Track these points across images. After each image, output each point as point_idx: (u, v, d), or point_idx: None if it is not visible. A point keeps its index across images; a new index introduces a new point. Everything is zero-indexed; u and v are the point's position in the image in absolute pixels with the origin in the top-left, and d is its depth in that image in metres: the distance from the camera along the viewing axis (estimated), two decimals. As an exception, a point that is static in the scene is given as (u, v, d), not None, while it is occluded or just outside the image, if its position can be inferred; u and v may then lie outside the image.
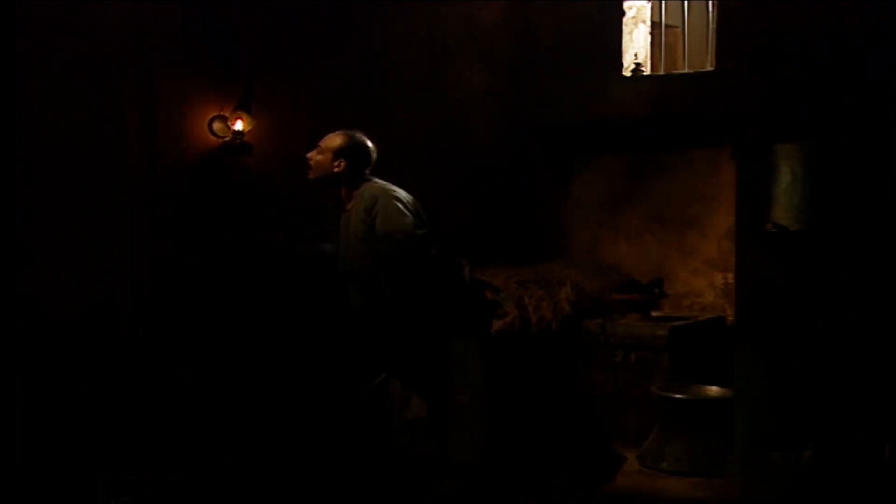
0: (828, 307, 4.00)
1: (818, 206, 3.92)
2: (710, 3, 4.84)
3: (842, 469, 3.84)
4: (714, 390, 4.45)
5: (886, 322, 4.05)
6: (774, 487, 3.77)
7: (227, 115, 4.33)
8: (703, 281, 5.38)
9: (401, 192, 3.71)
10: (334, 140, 3.74)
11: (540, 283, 4.84)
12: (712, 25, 4.60)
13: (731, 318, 4.90)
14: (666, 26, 5.15)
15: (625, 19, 5.23)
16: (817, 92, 4.10)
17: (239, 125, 4.33)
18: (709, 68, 4.73)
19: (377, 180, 3.78)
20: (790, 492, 3.75)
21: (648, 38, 5.19)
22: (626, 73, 5.16)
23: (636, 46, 5.24)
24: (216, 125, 4.33)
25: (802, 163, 3.84)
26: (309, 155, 3.78)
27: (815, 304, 4.01)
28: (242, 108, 4.34)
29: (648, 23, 5.27)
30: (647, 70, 5.14)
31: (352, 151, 3.72)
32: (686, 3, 5.10)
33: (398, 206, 3.61)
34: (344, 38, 4.80)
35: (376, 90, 4.92)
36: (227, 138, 4.34)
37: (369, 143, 3.78)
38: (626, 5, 5.24)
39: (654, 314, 5.08)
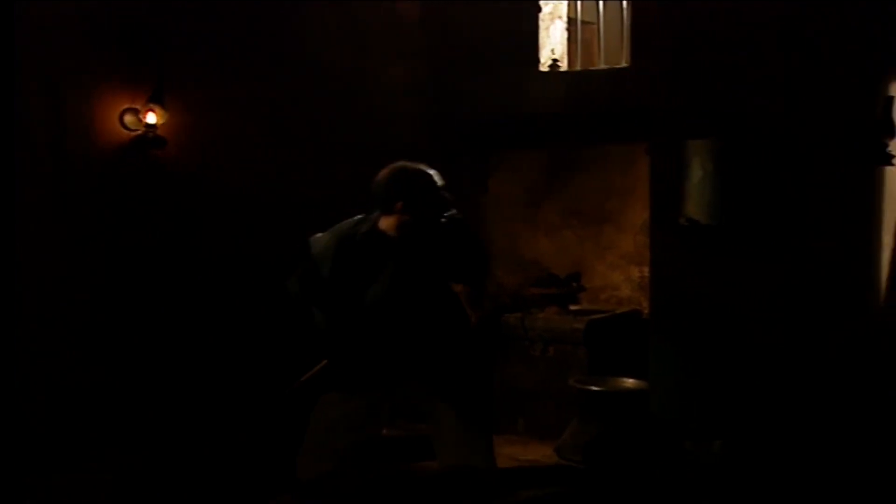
0: (738, 300, 4.17)
1: (728, 200, 4.08)
2: (625, 0, 4.97)
3: (751, 458, 4.00)
4: (630, 382, 4.57)
5: (792, 313, 4.25)
6: (688, 476, 3.92)
7: (138, 107, 4.28)
8: (620, 274, 5.52)
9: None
10: None
11: (459, 277, 4.90)
12: (627, 23, 4.72)
13: (647, 310, 5.05)
14: (582, 23, 5.27)
15: (541, 15, 5.33)
16: (728, 90, 4.26)
17: (151, 118, 4.28)
18: (624, 65, 4.85)
19: None
20: (702, 480, 3.90)
21: (565, 35, 5.29)
22: (544, 68, 5.26)
23: (553, 42, 5.34)
24: (128, 118, 4.27)
25: (713, 159, 4.00)
26: None
27: (725, 296, 4.18)
28: (155, 100, 4.29)
29: (565, 19, 5.38)
30: (564, 66, 5.25)
31: None
32: (601, 0, 5.22)
33: None
34: (261, 30, 4.79)
35: (294, 84, 4.92)
36: (139, 131, 4.29)
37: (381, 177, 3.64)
38: (542, 2, 5.33)
39: (572, 308, 5.20)
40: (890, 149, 4.61)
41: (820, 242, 4.41)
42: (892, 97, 4.51)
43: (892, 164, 4.69)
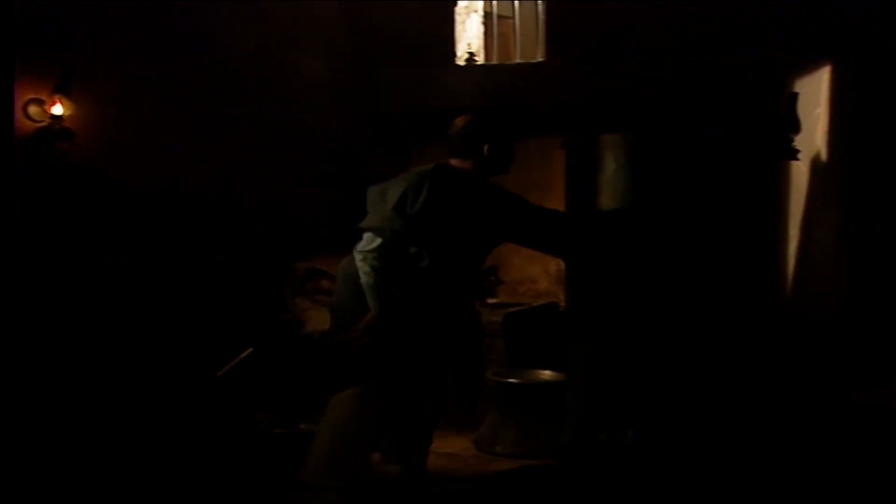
0: (647, 296, 4.27)
1: (640, 194, 4.18)
2: (539, -3, 5.03)
3: (663, 448, 4.11)
4: (548, 375, 4.62)
5: (704, 303, 4.37)
6: (602, 467, 4.01)
7: (44, 98, 4.18)
8: (538, 267, 5.58)
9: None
10: None
11: (378, 271, 4.90)
12: (542, 18, 4.79)
13: (564, 303, 5.13)
14: (498, 17, 5.31)
15: (457, 9, 5.36)
16: (641, 86, 4.37)
17: (58, 109, 4.19)
18: (540, 60, 4.92)
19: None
20: (616, 470, 3.99)
21: (481, 29, 5.33)
22: (461, 62, 5.30)
23: (469, 37, 5.38)
24: (32, 109, 4.17)
25: (625, 153, 4.09)
26: None
27: (635, 292, 4.27)
28: (61, 90, 4.20)
29: (481, 13, 5.42)
30: (480, 60, 5.29)
31: None
32: (516, -5, 5.28)
33: None
34: (173, 20, 4.72)
35: (209, 76, 4.86)
36: (44, 123, 4.19)
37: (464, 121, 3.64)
38: (458, -5, 5.37)
39: (490, 301, 5.24)
40: (795, 144, 4.78)
41: (730, 235, 4.55)
42: (796, 94, 4.68)
43: (797, 160, 4.87)
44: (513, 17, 5.17)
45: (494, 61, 5.23)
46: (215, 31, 4.92)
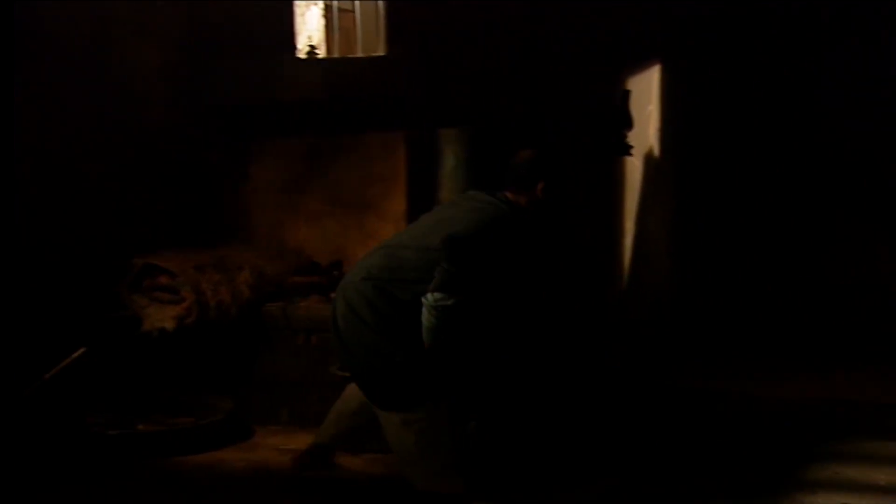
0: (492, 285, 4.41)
1: (481, 187, 4.31)
2: (378, -12, 5.09)
3: (503, 436, 4.26)
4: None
5: (544, 297, 4.55)
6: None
7: None
8: (385, 261, 5.65)
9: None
10: None
11: (218, 267, 4.87)
12: (382, 11, 4.86)
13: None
14: (339, 10, 5.35)
15: (297, 1, 5.37)
16: (481, 80, 4.51)
17: None
18: (382, 53, 4.99)
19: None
20: (458, 460, 4.10)
21: (322, 22, 5.35)
22: (301, 55, 5.31)
23: (310, 29, 5.40)
24: None
25: (464, 147, 4.22)
26: None
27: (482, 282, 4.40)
28: None
29: (321, 6, 5.45)
30: (322, 53, 5.31)
31: None
32: (356, -14, 5.32)
33: None
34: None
35: (40, 68, 4.68)
36: None
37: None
38: (297, -13, 5.37)
39: (334, 296, 5.27)
40: (628, 140, 5.05)
41: (570, 229, 4.76)
42: (629, 91, 4.95)
43: (631, 155, 5.15)
44: (353, 11, 5.22)
45: (336, 54, 5.26)
46: (39, 20, 4.75)
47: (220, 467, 4.14)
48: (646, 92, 5.40)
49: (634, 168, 5.55)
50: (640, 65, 5.33)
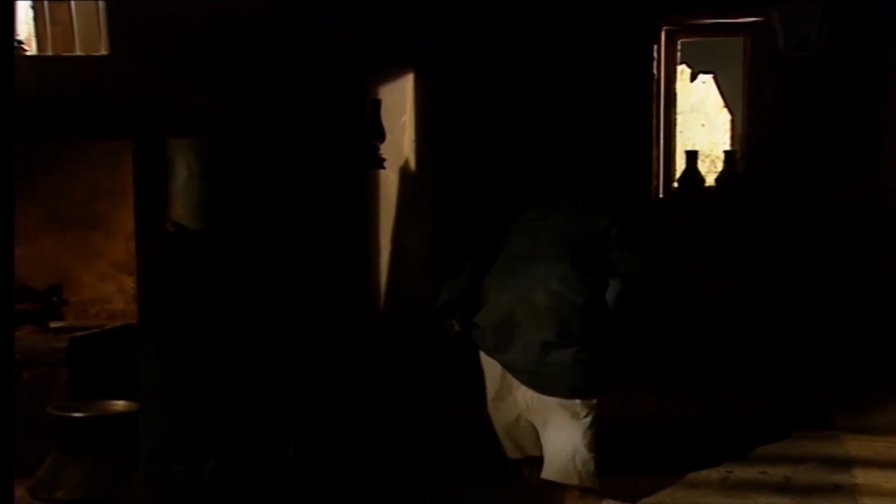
0: (230, 311, 4.32)
1: (217, 203, 4.21)
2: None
3: (248, 475, 4.18)
4: (121, 405, 4.49)
5: (291, 318, 4.50)
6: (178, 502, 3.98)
7: None
8: (112, 286, 5.40)
9: None
10: None
11: None
12: (102, 4, 4.63)
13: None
14: (53, 2, 5.04)
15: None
16: (219, 86, 4.39)
17: None
18: (104, 53, 4.75)
19: None
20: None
21: (31, 14, 5.02)
22: (7, 52, 4.95)
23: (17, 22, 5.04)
24: None
25: (198, 158, 4.09)
26: None
27: (217, 308, 4.31)
28: None
29: (32, -4, 5.11)
30: (31, 50, 4.99)
31: None
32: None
33: None
34: None
35: None
36: None
37: None
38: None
39: (53, 325, 4.98)
40: (381, 152, 5.09)
41: (319, 246, 4.72)
42: (379, 101, 4.99)
43: (383, 168, 5.19)
44: (69, 2, 4.92)
45: (49, 52, 4.95)
46: None
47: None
48: (399, 102, 5.47)
49: (390, 182, 5.60)
50: (393, 73, 5.40)
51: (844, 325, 6.81)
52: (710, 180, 7.53)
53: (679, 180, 7.37)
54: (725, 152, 7.61)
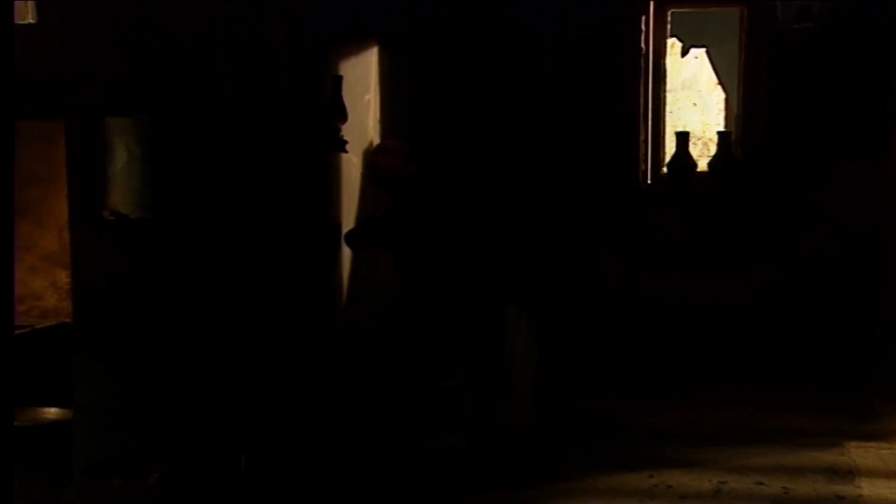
0: (174, 308, 4.28)
1: (161, 189, 4.16)
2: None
3: (196, 486, 4.14)
4: (53, 412, 4.49)
5: (234, 313, 4.45)
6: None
7: None
8: (44, 280, 5.38)
9: None
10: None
11: None
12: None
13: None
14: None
15: None
16: (160, 61, 4.33)
17: None
18: (31, 21, 4.71)
19: None
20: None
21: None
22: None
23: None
24: None
25: (139, 140, 4.05)
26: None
27: (160, 304, 4.27)
28: None
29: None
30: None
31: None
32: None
33: None
34: None
35: None
36: None
37: None
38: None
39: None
40: (343, 134, 5.03)
41: (274, 238, 4.67)
42: (340, 77, 4.93)
43: (345, 151, 5.13)
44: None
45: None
46: None
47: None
48: (362, 78, 5.42)
49: (353, 166, 5.55)
50: (355, 46, 5.34)
51: (846, 323, 6.84)
52: (702, 165, 7.52)
53: (668, 165, 7.37)
54: (719, 134, 7.59)
